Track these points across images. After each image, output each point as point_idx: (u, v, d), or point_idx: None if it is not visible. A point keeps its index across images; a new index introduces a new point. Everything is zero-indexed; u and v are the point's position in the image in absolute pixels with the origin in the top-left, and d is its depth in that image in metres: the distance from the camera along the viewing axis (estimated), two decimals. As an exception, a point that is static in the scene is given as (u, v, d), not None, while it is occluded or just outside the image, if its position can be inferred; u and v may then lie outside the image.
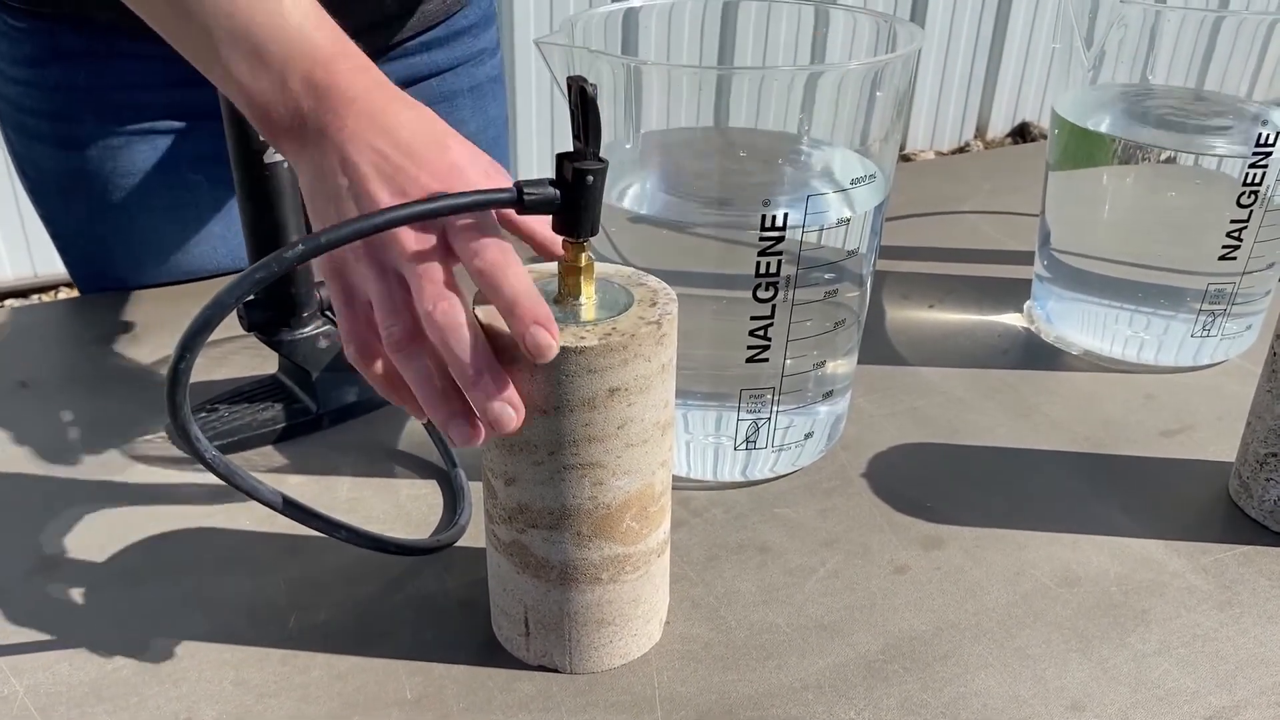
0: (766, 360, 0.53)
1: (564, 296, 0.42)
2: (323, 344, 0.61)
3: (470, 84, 0.85)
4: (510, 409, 0.39)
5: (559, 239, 0.41)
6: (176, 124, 0.74)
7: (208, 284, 0.77)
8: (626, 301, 0.42)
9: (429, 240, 0.39)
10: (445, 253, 0.40)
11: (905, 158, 2.87)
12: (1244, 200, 0.63)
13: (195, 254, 0.78)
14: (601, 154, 0.40)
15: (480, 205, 0.39)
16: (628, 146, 0.53)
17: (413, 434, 0.62)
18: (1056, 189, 0.71)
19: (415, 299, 0.39)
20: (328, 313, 0.62)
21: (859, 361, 0.60)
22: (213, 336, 0.70)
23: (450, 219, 0.40)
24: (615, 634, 0.45)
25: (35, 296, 2.30)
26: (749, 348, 0.53)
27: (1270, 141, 0.61)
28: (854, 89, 0.52)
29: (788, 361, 0.54)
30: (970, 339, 0.73)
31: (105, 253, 0.77)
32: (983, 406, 0.65)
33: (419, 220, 0.39)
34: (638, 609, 0.46)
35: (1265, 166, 0.62)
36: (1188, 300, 0.67)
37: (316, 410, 0.61)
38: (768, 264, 0.51)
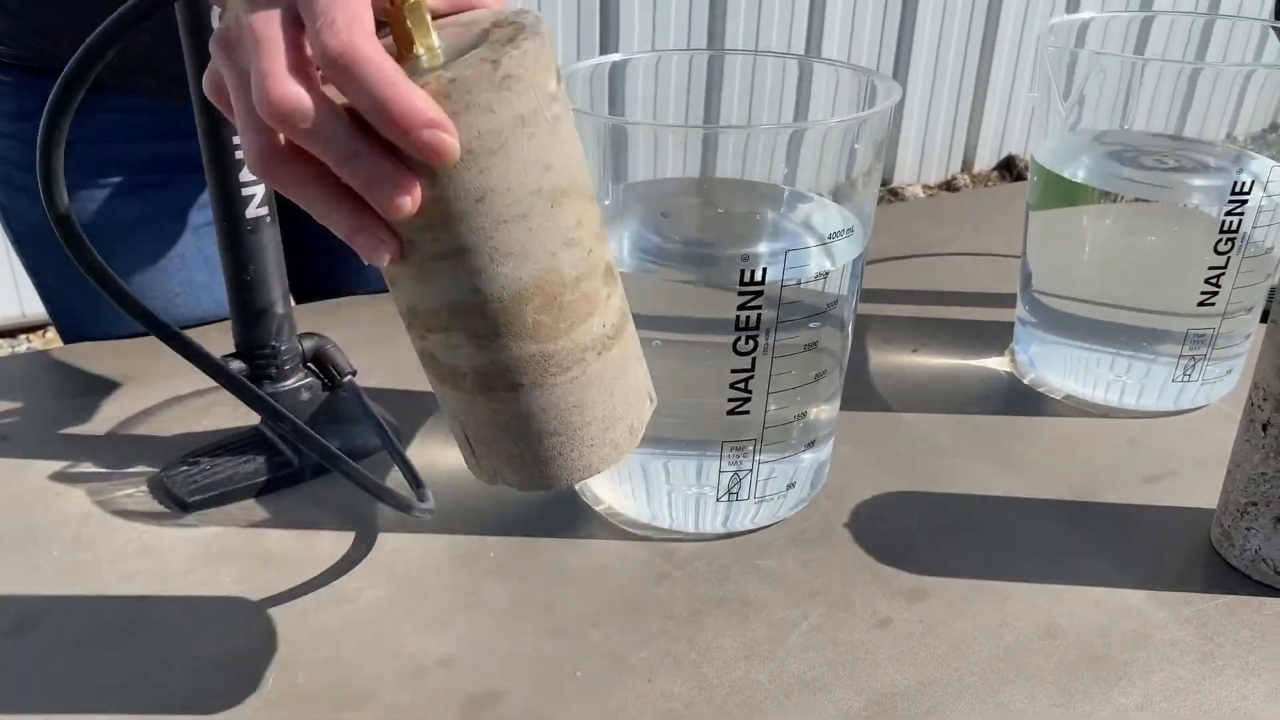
0: (748, 413, 0.53)
1: (398, 53, 0.34)
2: (304, 396, 0.61)
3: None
4: (397, 189, 0.32)
5: None
6: (161, 176, 0.75)
7: (193, 331, 0.77)
8: (475, 44, 0.34)
9: (272, 23, 0.32)
10: (297, 34, 0.32)
11: (893, 191, 2.89)
12: (1221, 247, 0.63)
13: (179, 303, 0.78)
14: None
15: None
16: (606, 202, 0.53)
17: (393, 487, 0.61)
18: (1037, 230, 0.72)
19: (252, 91, 0.32)
20: (310, 365, 0.62)
21: (843, 408, 0.61)
22: (196, 388, 0.70)
23: None
24: (564, 445, 0.39)
25: (22, 336, 2.29)
26: (730, 400, 0.53)
27: (1246, 189, 0.62)
28: (836, 143, 0.52)
29: (769, 413, 0.54)
30: (953, 384, 0.73)
31: (89, 304, 0.77)
32: (966, 453, 0.65)
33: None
34: (584, 416, 0.39)
35: (1241, 214, 0.62)
36: (1168, 344, 0.67)
37: (298, 463, 0.61)
38: (747, 318, 0.51)
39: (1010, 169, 3.12)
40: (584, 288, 0.37)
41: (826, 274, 0.52)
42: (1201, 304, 0.65)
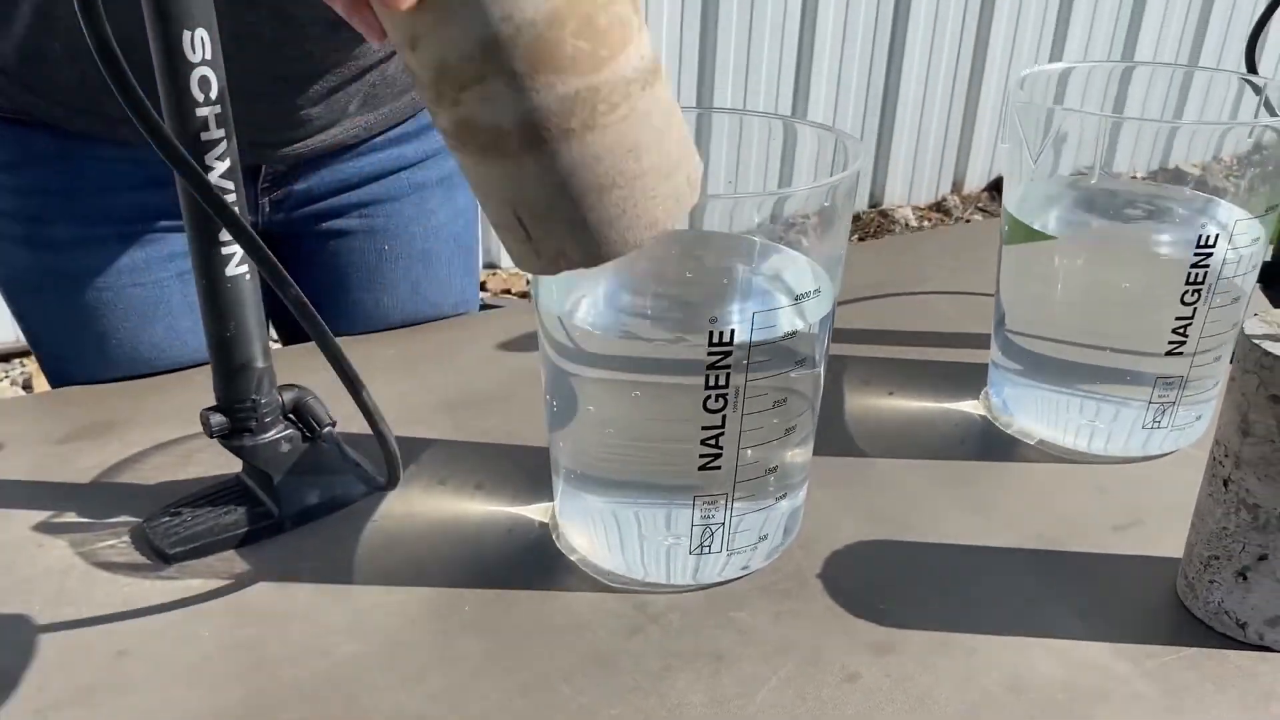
0: (719, 467, 0.54)
1: None
2: (284, 448, 0.62)
3: (440, 175, 0.87)
4: None
5: None
6: (146, 225, 0.75)
7: (177, 376, 0.78)
8: None
9: None
10: None
11: (883, 213, 2.91)
12: (1188, 297, 0.64)
13: (164, 348, 0.79)
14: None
15: None
16: (581, 294, 0.54)
17: (372, 537, 0.62)
18: (1009, 268, 0.72)
19: None
20: (290, 416, 0.63)
21: (818, 452, 0.61)
22: (180, 434, 0.71)
23: None
24: (625, 199, 0.37)
25: (16, 361, 2.30)
26: (701, 454, 0.54)
27: (1211, 242, 0.63)
28: (811, 207, 0.53)
29: (741, 466, 0.55)
30: (928, 428, 0.74)
31: (76, 350, 0.78)
32: (938, 501, 0.66)
33: None
34: (640, 162, 0.37)
35: (1207, 266, 0.63)
36: (1139, 388, 0.68)
37: (278, 514, 0.62)
38: (717, 376, 0.52)
39: (1001, 190, 3.14)
40: (616, 9, 0.35)
41: (795, 332, 0.53)
42: (1170, 352, 0.66)
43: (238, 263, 0.57)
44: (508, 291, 2.48)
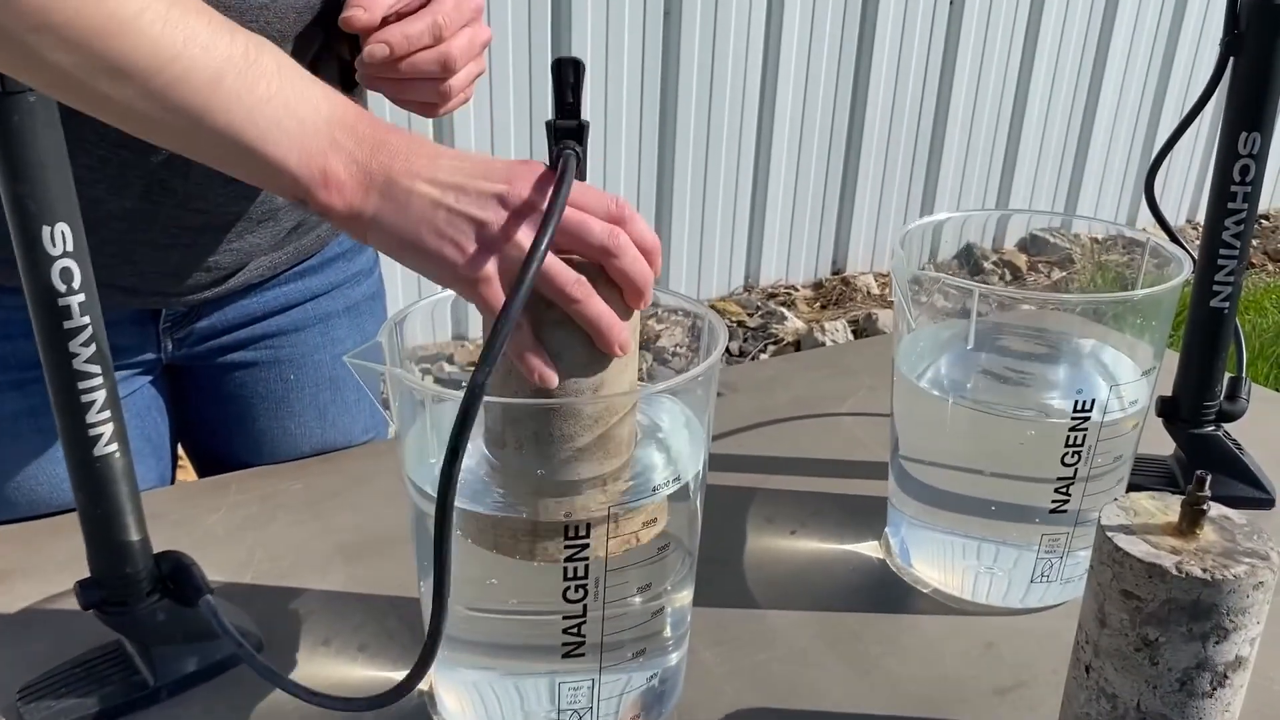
0: (583, 655, 0.54)
1: None
2: (160, 617, 0.62)
3: (346, 304, 0.87)
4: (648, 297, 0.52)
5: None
6: (42, 371, 0.75)
7: (73, 517, 0.77)
8: None
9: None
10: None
11: (845, 281, 2.92)
12: (1068, 459, 0.65)
13: (63, 487, 0.78)
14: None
15: (563, 199, 0.48)
16: (431, 461, 0.54)
17: (246, 706, 0.62)
18: (900, 397, 0.72)
19: (585, 247, 0.50)
20: (167, 583, 0.63)
21: (711, 603, 0.61)
22: (69, 585, 0.70)
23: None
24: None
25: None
26: (564, 644, 0.54)
27: (1087, 408, 0.63)
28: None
29: (605, 654, 0.55)
30: (825, 574, 0.74)
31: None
32: (825, 661, 0.66)
33: (550, 240, 0.47)
34: None
35: (1085, 430, 0.64)
36: (1029, 533, 0.68)
37: (154, 683, 0.61)
38: (574, 569, 0.52)
39: (969, 257, 3.16)
40: None
41: (655, 520, 0.53)
42: (1054, 510, 0.67)
43: (107, 441, 0.57)
44: (473, 364, 2.47)
